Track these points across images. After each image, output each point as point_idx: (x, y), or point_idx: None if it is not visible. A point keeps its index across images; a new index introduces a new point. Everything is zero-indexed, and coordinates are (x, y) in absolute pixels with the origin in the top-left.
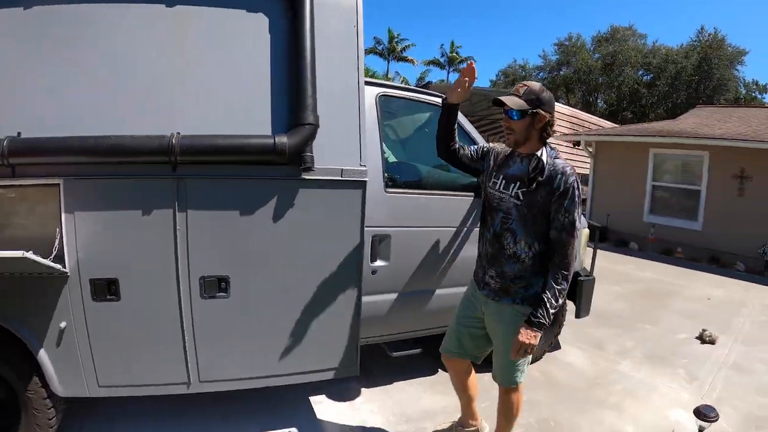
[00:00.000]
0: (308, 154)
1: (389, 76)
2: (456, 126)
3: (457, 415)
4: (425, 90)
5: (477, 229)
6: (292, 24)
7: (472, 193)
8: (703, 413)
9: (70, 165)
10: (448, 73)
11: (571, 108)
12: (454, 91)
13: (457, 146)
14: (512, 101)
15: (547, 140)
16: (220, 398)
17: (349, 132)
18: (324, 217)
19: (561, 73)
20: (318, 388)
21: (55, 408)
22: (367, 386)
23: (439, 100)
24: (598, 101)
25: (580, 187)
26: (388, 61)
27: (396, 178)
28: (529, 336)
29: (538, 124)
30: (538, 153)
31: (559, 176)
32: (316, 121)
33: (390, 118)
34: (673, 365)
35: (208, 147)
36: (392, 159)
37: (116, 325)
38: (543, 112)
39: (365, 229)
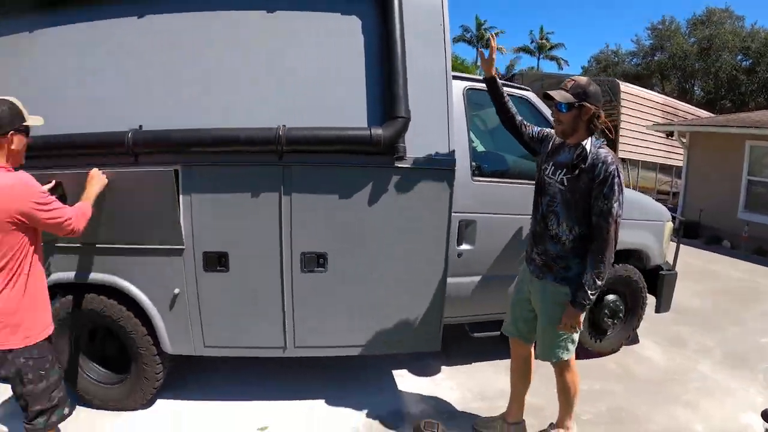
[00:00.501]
0: (401, 144)
1: (478, 64)
2: (505, 99)
3: (527, 397)
4: (510, 83)
5: None
6: (383, 25)
7: None
8: None
9: (186, 153)
10: (539, 59)
11: (664, 96)
12: (484, 66)
13: (518, 121)
14: (560, 95)
15: (595, 131)
16: (310, 366)
17: (438, 124)
18: (414, 202)
19: (655, 58)
20: (401, 363)
21: (162, 364)
22: (448, 364)
23: (524, 92)
24: (695, 89)
25: (621, 176)
26: (477, 49)
27: (483, 166)
28: (570, 315)
29: (584, 116)
30: (584, 142)
31: (600, 164)
32: (408, 115)
33: (478, 110)
34: (752, 369)
35: (310, 138)
36: (480, 149)
37: (224, 293)
38: (589, 105)
39: (453, 214)
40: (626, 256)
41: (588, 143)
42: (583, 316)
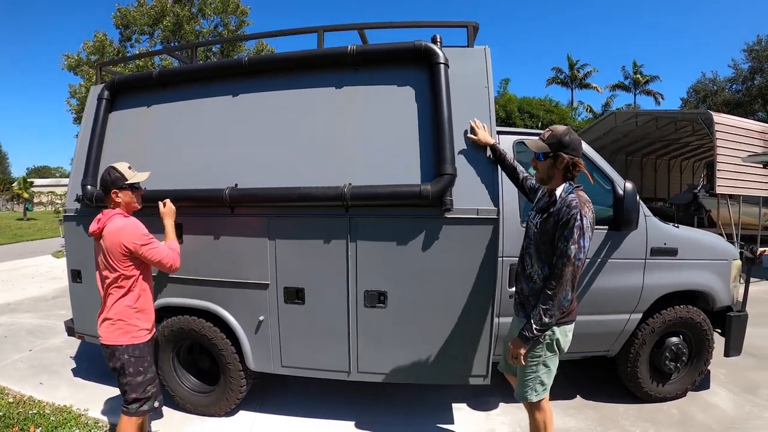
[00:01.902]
0: (448, 197)
1: (574, 105)
2: (504, 159)
3: None
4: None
5: (609, 261)
6: (432, 93)
7: (606, 227)
8: None
9: (271, 207)
10: (635, 95)
11: (764, 124)
12: (480, 143)
13: (521, 177)
14: (535, 145)
15: (572, 179)
16: (376, 394)
17: (484, 177)
18: (464, 247)
19: (755, 82)
20: (462, 397)
21: (246, 379)
22: (506, 401)
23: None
24: None
25: (585, 220)
26: (572, 90)
27: None
28: (513, 343)
29: (560, 165)
30: (557, 188)
31: (564, 208)
32: (454, 172)
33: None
34: None
35: (370, 194)
36: None
37: (300, 322)
38: (564, 155)
39: (504, 258)
40: (690, 297)
41: (560, 189)
42: (524, 350)
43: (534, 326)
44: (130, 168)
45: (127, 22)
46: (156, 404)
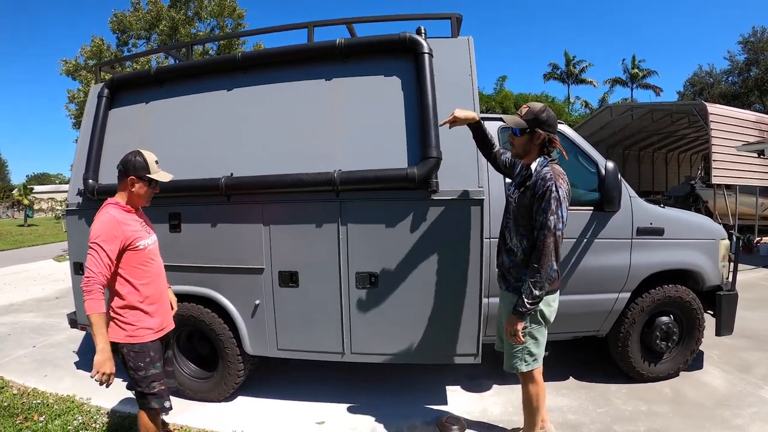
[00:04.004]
0: (434, 180)
1: (571, 101)
2: (486, 138)
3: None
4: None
5: (596, 240)
6: (418, 81)
7: (591, 208)
8: None
9: (266, 194)
10: (632, 90)
11: (758, 114)
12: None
13: (494, 152)
14: (512, 120)
15: (549, 154)
16: (371, 377)
17: (469, 161)
18: (450, 228)
19: (752, 74)
20: (456, 380)
21: (244, 363)
22: (499, 383)
23: (560, 126)
24: None
25: (560, 191)
26: (569, 85)
27: None
28: (509, 321)
29: (536, 141)
30: (533, 163)
31: (539, 181)
32: (438, 155)
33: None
34: None
35: (359, 178)
36: None
37: (294, 305)
38: (540, 131)
39: (491, 240)
40: (679, 276)
41: (535, 163)
42: (521, 326)
43: (526, 301)
44: (157, 162)
45: (123, 26)
46: (167, 405)
